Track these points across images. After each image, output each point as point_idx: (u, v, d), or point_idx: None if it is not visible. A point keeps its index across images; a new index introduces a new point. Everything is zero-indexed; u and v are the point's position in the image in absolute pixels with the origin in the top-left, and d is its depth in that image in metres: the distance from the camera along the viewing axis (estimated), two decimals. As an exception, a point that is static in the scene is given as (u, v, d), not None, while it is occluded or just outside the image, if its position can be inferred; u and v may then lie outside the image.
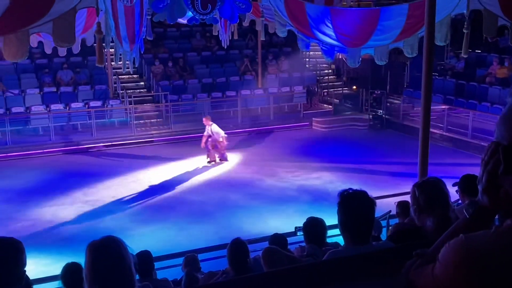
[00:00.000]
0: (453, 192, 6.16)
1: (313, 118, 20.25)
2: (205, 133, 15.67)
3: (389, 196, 11.45)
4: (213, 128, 15.59)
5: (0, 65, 19.53)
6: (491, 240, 1.28)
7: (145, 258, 5.65)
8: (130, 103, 19.53)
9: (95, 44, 12.54)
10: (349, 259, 2.42)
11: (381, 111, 19.98)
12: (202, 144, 15.65)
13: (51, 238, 11.09)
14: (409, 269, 1.63)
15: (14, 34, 8.05)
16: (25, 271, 2.46)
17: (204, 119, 15.96)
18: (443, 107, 17.72)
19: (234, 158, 16.34)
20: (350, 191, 3.00)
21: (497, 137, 1.35)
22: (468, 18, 11.19)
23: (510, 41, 11.95)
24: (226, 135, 15.90)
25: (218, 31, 13.46)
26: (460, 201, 4.88)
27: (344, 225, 2.98)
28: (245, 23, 13.89)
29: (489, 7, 11.07)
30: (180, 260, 6.92)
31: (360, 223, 2.95)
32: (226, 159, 15.97)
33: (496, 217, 1.61)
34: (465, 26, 11.15)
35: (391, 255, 2.18)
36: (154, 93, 20.83)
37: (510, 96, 1.34)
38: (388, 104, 20.21)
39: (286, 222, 11.19)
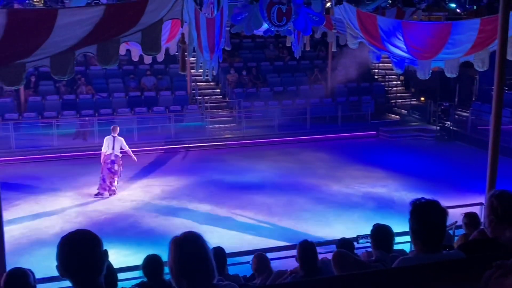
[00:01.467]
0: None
1: (380, 128, 20.44)
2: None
3: (455, 207, 11.57)
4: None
5: (91, 70, 21.18)
6: None
7: (219, 253, 5.76)
8: (207, 109, 20.56)
9: (177, 53, 13.47)
10: (421, 267, 2.50)
11: (449, 123, 19.87)
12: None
13: (131, 231, 11.79)
14: (489, 279, 1.61)
15: (107, 42, 8.88)
16: (105, 261, 2.45)
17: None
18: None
19: (301, 163, 16.83)
20: (423, 200, 3.00)
21: None
22: (541, 33, 11.18)
23: None
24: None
25: (291, 42, 14.03)
26: None
27: (416, 233, 2.97)
28: (317, 35, 14.43)
29: None
30: (248, 258, 7.15)
31: (432, 232, 2.95)
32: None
33: None
34: (537, 41, 11.15)
35: (463, 265, 2.24)
36: (229, 100, 21.78)
37: None
38: (456, 116, 20.07)
39: (350, 227, 11.50)
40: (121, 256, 9.58)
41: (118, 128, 14.37)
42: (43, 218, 12.52)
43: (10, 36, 7.41)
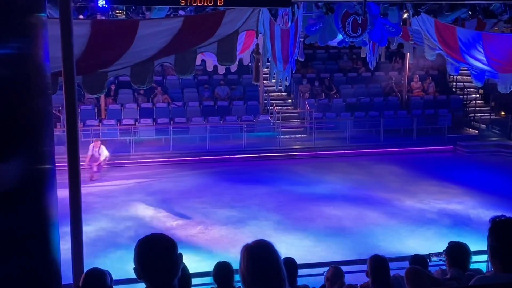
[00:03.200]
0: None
1: (457, 142, 19.74)
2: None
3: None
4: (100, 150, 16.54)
5: (167, 79, 21.85)
6: None
7: (291, 264, 5.73)
8: (278, 119, 20.66)
9: (250, 64, 13.65)
10: (499, 286, 2.47)
11: (531, 139, 18.96)
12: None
13: (202, 238, 11.98)
14: None
15: (184, 52, 9.15)
16: (180, 265, 2.50)
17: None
18: None
19: (373, 176, 16.55)
20: (503, 217, 2.91)
21: None
22: None
23: None
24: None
25: (366, 53, 13.89)
26: None
27: (494, 251, 2.87)
28: (393, 46, 14.20)
29: None
30: (318, 270, 7.14)
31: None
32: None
33: None
34: None
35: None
36: (301, 110, 21.77)
37: None
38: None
39: (424, 244, 11.17)
40: (192, 261, 9.73)
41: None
42: (119, 222, 12.97)
43: (94, 46, 7.78)
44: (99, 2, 8.62)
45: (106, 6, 8.79)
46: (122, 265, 9.60)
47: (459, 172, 17.10)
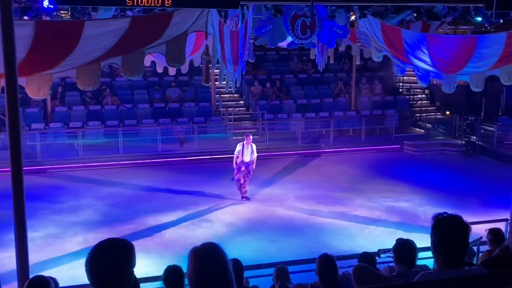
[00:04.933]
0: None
1: (405, 141, 20.23)
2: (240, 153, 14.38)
3: (480, 223, 11.38)
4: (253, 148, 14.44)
5: (116, 81, 21.48)
6: None
7: (237, 266, 5.67)
8: (230, 120, 20.66)
9: (201, 65, 13.57)
10: (442, 282, 2.49)
11: (474, 137, 19.60)
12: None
13: (153, 241, 11.85)
14: None
15: (132, 53, 9.01)
16: (132, 271, 2.50)
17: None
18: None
19: (324, 176, 16.75)
20: (445, 214, 2.96)
21: None
22: None
23: None
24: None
25: (315, 55, 14.05)
26: None
27: (437, 248, 2.94)
28: (341, 48, 14.39)
29: None
30: (269, 271, 7.13)
31: (454, 247, 2.90)
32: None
33: None
34: None
35: (485, 281, 2.22)
36: (252, 112, 21.85)
37: None
38: (482, 130, 19.80)
39: (373, 241, 11.43)
40: (142, 266, 9.61)
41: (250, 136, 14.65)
42: (67, 227, 12.66)
43: (38, 47, 7.56)
44: (44, 2, 8.38)
45: (51, 6, 8.55)
46: (72, 271, 9.39)
47: (407, 170, 17.54)
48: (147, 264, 10.07)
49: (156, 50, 9.15)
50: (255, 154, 14.47)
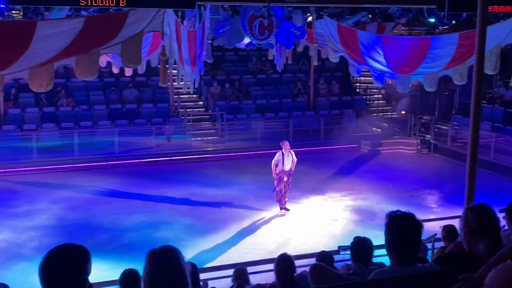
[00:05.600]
0: (500, 219, 6.38)
1: (362, 141, 20.53)
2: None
3: (434, 220, 11.64)
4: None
5: (71, 82, 21.05)
6: None
7: (192, 269, 5.67)
8: (189, 121, 20.53)
9: (159, 66, 13.46)
10: (395, 280, 2.53)
11: (429, 136, 20.07)
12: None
13: (110, 245, 11.68)
14: None
15: (86, 54, 8.85)
16: (87, 279, 2.45)
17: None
18: (491, 134, 17.77)
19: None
20: (398, 212, 3.00)
21: None
22: (517, 48, 11.41)
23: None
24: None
25: (273, 56, 14.11)
26: (506, 227, 4.85)
27: (391, 245, 2.97)
28: (299, 49, 14.51)
29: (539, 38, 11.24)
30: (230, 272, 7.16)
31: (407, 245, 2.93)
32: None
33: None
34: (514, 55, 11.36)
35: (437, 278, 2.26)
36: (211, 112, 21.78)
37: None
38: (436, 129, 20.30)
39: (332, 240, 11.56)
40: (100, 270, 9.46)
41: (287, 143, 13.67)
42: (22, 232, 12.33)
43: (-13, 48, 7.34)
44: (-5, 2, 8.14)
45: (3, 6, 8.31)
46: (26, 277, 9.16)
47: (364, 169, 17.82)
48: (104, 269, 9.89)
49: (111, 50, 9.04)
50: (295, 161, 13.55)
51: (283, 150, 13.44)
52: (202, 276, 7.10)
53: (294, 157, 13.54)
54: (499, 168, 16.79)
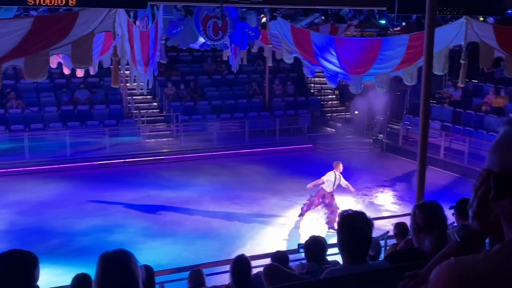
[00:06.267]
0: (450, 215, 6.57)
1: (317, 141, 20.75)
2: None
3: (387, 217, 11.93)
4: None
5: (20, 84, 20.44)
6: (480, 264, 1.25)
7: (147, 272, 5.86)
8: (143, 122, 20.27)
9: (111, 66, 13.26)
10: (346, 278, 2.55)
11: (382, 135, 20.49)
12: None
13: (63, 249, 11.45)
14: None
15: (35, 55, 8.65)
16: (35, 285, 2.43)
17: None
18: (441, 133, 18.29)
19: (240, 177, 16.85)
20: (350, 212, 3.05)
21: (488, 164, 1.34)
22: (465, 50, 11.76)
23: (505, 72, 12.48)
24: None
25: (228, 56, 14.09)
26: (455, 224, 5.01)
27: (342, 244, 3.01)
28: (254, 50, 14.52)
29: (485, 40, 11.61)
30: (186, 274, 7.08)
31: (358, 243, 2.98)
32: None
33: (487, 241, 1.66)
34: (462, 57, 11.71)
35: (387, 275, 2.27)
36: (166, 113, 21.58)
37: (502, 125, 1.34)
38: (388, 129, 20.74)
39: (289, 240, 11.66)
40: (52, 276, 9.27)
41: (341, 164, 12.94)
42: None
43: None
44: None
45: None
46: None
47: (319, 169, 17.89)
48: (56, 274, 9.70)
49: (61, 51, 8.90)
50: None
51: (335, 171, 12.90)
52: (158, 279, 7.03)
53: (343, 180, 12.99)
54: (449, 166, 17.29)
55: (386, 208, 14.09)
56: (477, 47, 11.87)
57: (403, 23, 15.11)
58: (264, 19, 12.68)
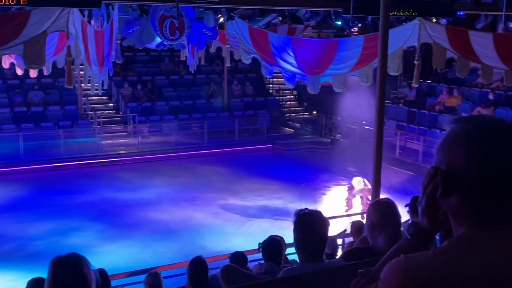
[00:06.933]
0: (405, 213, 6.70)
1: (276, 141, 20.82)
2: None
3: (344, 216, 12.12)
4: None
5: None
6: (429, 261, 1.27)
7: (102, 276, 5.46)
8: (99, 124, 19.92)
9: (65, 67, 12.99)
10: (302, 277, 2.56)
11: (339, 135, 20.76)
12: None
13: (17, 254, 11.23)
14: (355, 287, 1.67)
15: (-15, 55, 8.41)
16: None
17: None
18: (396, 132, 18.66)
19: (199, 178, 16.76)
20: (306, 210, 3.07)
21: (436, 162, 1.36)
22: (419, 51, 12.02)
23: (457, 73, 12.82)
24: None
25: (186, 57, 14.00)
26: (410, 221, 5.20)
27: (299, 243, 3.04)
28: (212, 50, 14.50)
29: (438, 41, 11.89)
30: (143, 277, 6.98)
31: (314, 242, 3.01)
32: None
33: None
34: (416, 58, 11.96)
35: (342, 273, 2.29)
36: (123, 114, 21.26)
37: (449, 124, 1.36)
38: (346, 129, 21.01)
39: (248, 240, 11.60)
40: (6, 281, 9.10)
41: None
42: None
43: None
44: None
45: None
46: None
47: (278, 169, 18.09)
48: (11, 279, 9.57)
49: (13, 51, 8.70)
50: None
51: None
52: (114, 282, 6.94)
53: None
54: (405, 165, 17.63)
55: (344, 206, 14.25)
56: (430, 48, 12.13)
57: (359, 24, 15.32)
58: (221, 19, 12.64)
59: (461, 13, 13.00)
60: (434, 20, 13.45)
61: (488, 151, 1.28)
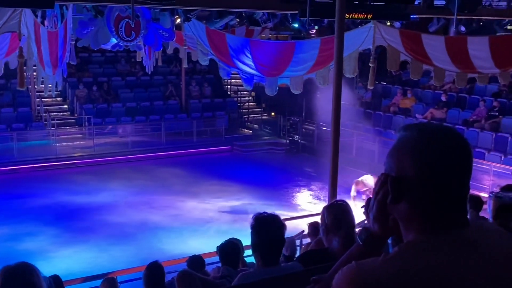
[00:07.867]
0: (361, 214, 6.77)
1: (234, 142, 20.81)
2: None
3: (302, 217, 12.18)
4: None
5: None
6: (379, 268, 1.28)
7: (56, 283, 5.56)
8: (53, 126, 19.46)
9: (18, 68, 12.65)
10: (258, 283, 2.59)
11: (297, 136, 20.91)
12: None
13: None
14: None
15: None
16: None
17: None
18: (353, 133, 18.94)
19: (156, 180, 16.59)
20: (264, 214, 3.09)
21: (386, 169, 1.39)
22: (374, 53, 12.25)
23: (411, 75, 13.13)
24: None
25: (142, 58, 13.85)
26: (366, 222, 5.21)
27: (256, 246, 3.05)
28: (169, 51, 14.38)
29: (392, 44, 12.15)
30: (99, 282, 6.97)
31: (271, 245, 3.04)
32: None
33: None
34: (371, 60, 12.19)
35: (298, 278, 2.31)
36: (77, 116, 20.85)
37: (398, 131, 1.39)
38: (303, 129, 21.19)
39: (206, 242, 11.51)
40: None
41: None
42: None
43: None
44: None
45: None
46: None
47: (237, 170, 18.08)
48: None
49: (-38, 51, 8.34)
50: None
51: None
52: (69, 289, 6.80)
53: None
54: (361, 165, 17.89)
55: (302, 207, 14.39)
56: (385, 51, 12.37)
57: (316, 27, 15.49)
58: (178, 20, 12.56)
59: (414, 16, 13.30)
60: (389, 24, 13.72)
61: (435, 158, 1.31)
